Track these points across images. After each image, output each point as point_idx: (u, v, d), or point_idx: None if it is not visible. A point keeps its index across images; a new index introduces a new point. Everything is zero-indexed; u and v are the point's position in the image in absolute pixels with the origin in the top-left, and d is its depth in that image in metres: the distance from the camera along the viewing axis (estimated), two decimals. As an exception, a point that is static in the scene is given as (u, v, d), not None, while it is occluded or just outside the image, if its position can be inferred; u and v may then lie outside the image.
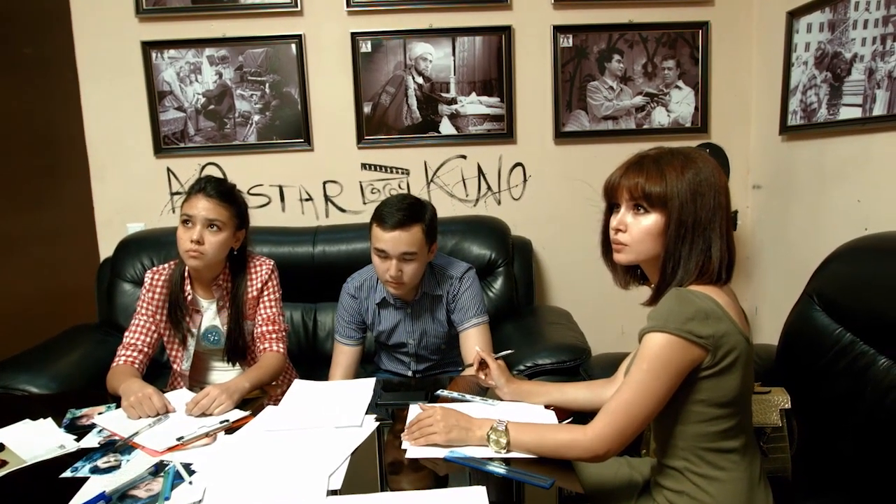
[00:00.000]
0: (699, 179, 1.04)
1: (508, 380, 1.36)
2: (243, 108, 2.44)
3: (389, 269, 1.61)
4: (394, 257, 1.60)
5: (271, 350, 1.61)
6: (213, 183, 1.56)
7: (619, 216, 1.10)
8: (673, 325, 0.99)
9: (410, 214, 1.62)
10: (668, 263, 1.06)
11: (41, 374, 1.85)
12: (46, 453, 1.19)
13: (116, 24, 2.38)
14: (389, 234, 1.59)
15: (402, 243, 1.60)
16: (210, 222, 1.52)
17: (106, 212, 2.53)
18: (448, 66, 2.44)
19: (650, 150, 1.12)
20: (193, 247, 1.49)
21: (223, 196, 1.55)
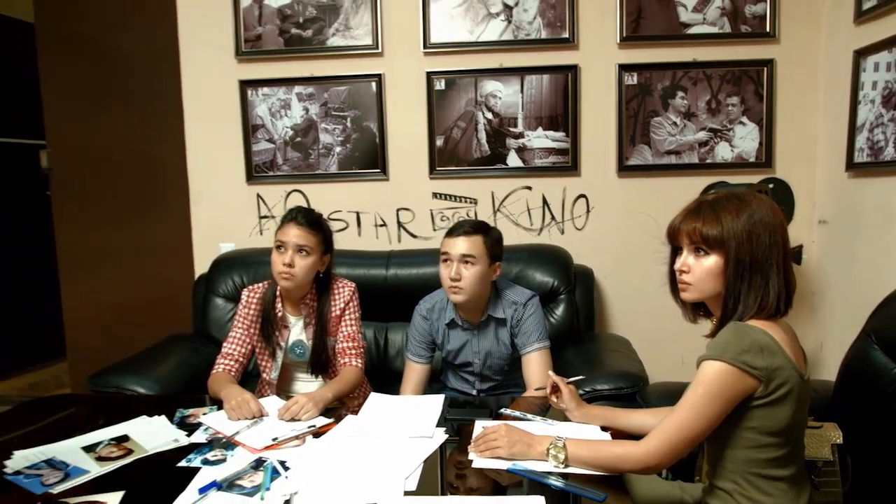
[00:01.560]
0: (754, 220, 1.14)
1: (579, 403, 1.45)
2: (326, 140, 2.66)
3: (450, 271, 1.77)
4: (454, 260, 1.77)
5: (351, 365, 1.78)
6: (303, 212, 1.76)
7: (682, 258, 1.21)
8: (729, 355, 1.08)
9: (475, 227, 1.82)
10: (729, 300, 1.16)
11: (146, 376, 2.08)
12: (163, 445, 1.38)
13: (218, 64, 2.66)
14: (452, 239, 1.80)
15: (462, 247, 1.77)
16: (300, 248, 1.72)
17: (201, 232, 2.79)
18: (516, 102, 2.58)
19: (708, 195, 1.22)
20: (286, 270, 1.69)
21: (312, 224, 1.75)
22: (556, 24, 2.53)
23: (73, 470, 1.26)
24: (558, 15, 2.53)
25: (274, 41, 2.62)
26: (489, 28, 2.55)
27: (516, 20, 2.54)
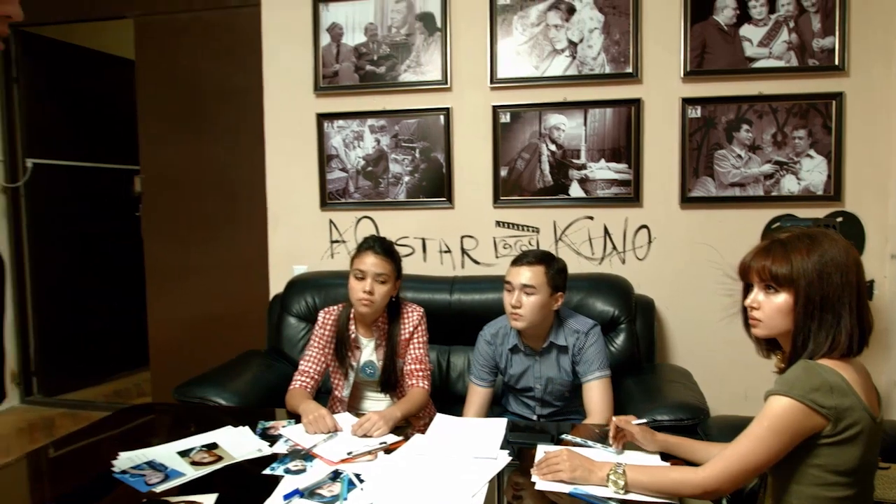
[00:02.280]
0: (825, 260, 1.16)
1: (652, 435, 1.46)
2: (396, 170, 2.80)
3: (511, 299, 1.85)
4: (516, 289, 1.85)
5: (418, 386, 1.88)
6: (379, 242, 1.89)
7: (753, 295, 1.25)
8: (797, 392, 1.11)
9: (538, 257, 1.90)
10: (798, 337, 1.19)
11: (226, 389, 2.23)
12: (248, 454, 1.51)
13: (298, 99, 2.86)
14: (514, 268, 1.89)
15: (523, 276, 1.85)
16: (378, 275, 1.84)
17: (277, 253, 2.97)
18: (580, 134, 2.66)
19: (781, 234, 1.25)
20: (366, 297, 1.81)
21: (387, 253, 1.87)
22: (620, 59, 2.60)
23: (172, 472, 1.40)
24: (622, 51, 2.60)
25: (350, 77, 2.80)
26: (554, 64, 2.64)
27: (581, 56, 2.63)
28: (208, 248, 3.29)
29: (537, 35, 2.65)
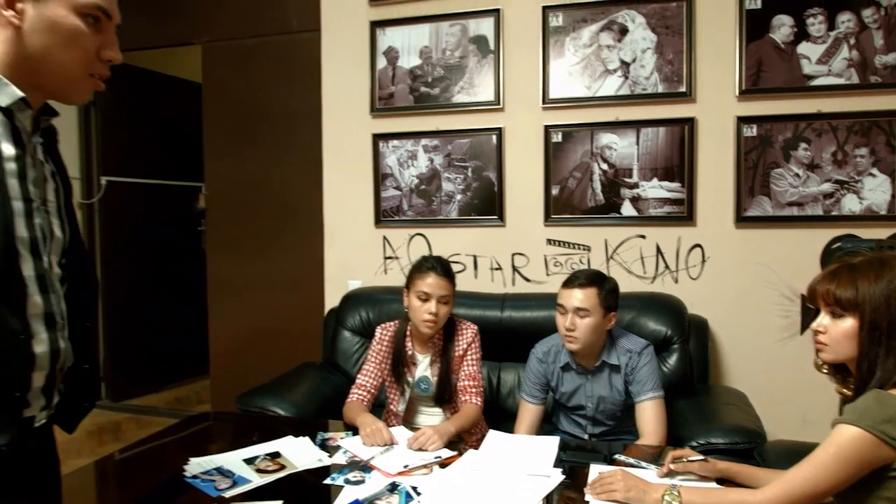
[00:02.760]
0: (894, 286, 1.15)
1: (714, 465, 1.42)
2: (448, 188, 2.87)
3: (565, 322, 1.87)
4: (569, 311, 1.86)
5: (471, 402, 1.92)
6: (441, 264, 1.95)
7: (819, 319, 1.25)
8: (867, 422, 1.10)
9: (590, 279, 1.90)
10: (863, 363, 1.18)
11: (284, 399, 2.31)
12: (309, 464, 1.58)
13: (355, 119, 2.96)
14: (567, 291, 1.90)
15: (576, 299, 1.87)
16: (442, 297, 1.90)
17: (332, 268, 3.07)
18: (632, 153, 2.66)
19: (854, 258, 1.24)
20: (431, 318, 1.88)
21: (449, 274, 1.94)
22: (674, 78, 2.60)
23: (239, 479, 1.48)
24: (675, 70, 2.60)
25: (405, 98, 2.89)
26: (606, 84, 2.67)
27: (633, 76, 2.64)
28: (267, 262, 3.42)
29: (589, 56, 2.68)
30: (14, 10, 0.89)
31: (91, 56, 0.95)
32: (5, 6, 0.88)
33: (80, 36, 0.92)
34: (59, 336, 0.97)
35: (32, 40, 0.90)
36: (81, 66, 0.95)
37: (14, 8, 0.88)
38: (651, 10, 2.62)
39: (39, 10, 0.90)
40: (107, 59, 0.97)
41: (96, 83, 0.99)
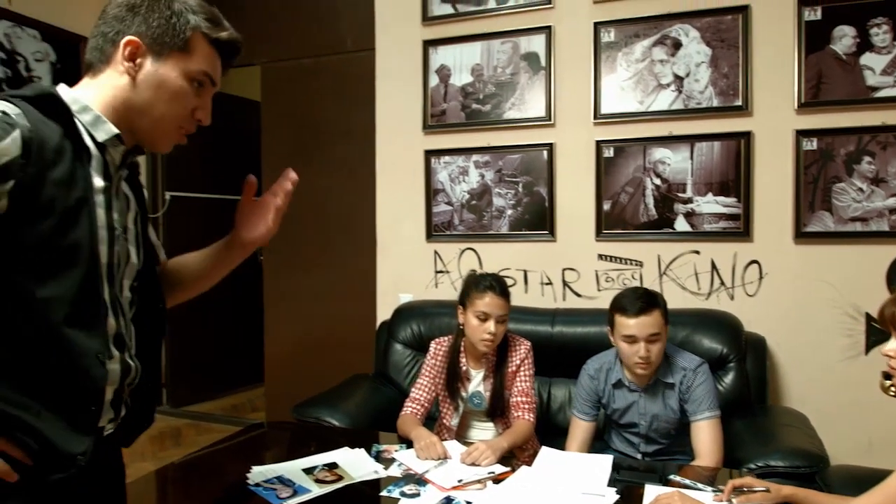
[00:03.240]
0: None
1: (779, 490, 1.39)
2: (499, 203, 2.89)
3: (638, 350, 1.84)
4: (642, 340, 1.83)
5: (524, 418, 1.93)
6: (499, 283, 1.97)
7: (890, 343, 1.21)
8: None
9: (649, 301, 1.87)
10: None
11: (339, 410, 2.37)
12: (366, 475, 1.62)
13: (408, 136, 3.03)
14: (635, 319, 1.84)
15: (648, 326, 1.83)
16: (500, 317, 1.93)
17: (385, 282, 3.13)
18: (686, 168, 2.63)
19: None
20: (490, 338, 1.91)
21: (506, 294, 1.97)
22: (729, 92, 2.57)
23: (300, 488, 1.53)
24: (731, 84, 2.56)
25: (456, 115, 2.94)
26: (659, 98, 2.65)
27: (687, 90, 2.62)
28: (321, 274, 3.52)
29: (642, 70, 2.67)
30: (133, 63, 0.99)
31: (186, 113, 1.05)
32: (127, 58, 0.99)
33: (183, 95, 1.03)
34: (128, 355, 1.04)
35: (141, 90, 1.01)
36: (175, 122, 1.05)
37: (134, 61, 0.99)
38: (705, 23, 2.59)
39: (155, 67, 1.00)
40: (197, 119, 1.07)
41: (181, 137, 1.09)
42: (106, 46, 1.01)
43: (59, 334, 0.90)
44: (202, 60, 1.04)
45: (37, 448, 0.89)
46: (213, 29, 1.04)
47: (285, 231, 3.56)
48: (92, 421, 0.98)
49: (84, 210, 0.92)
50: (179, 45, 1.01)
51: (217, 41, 1.05)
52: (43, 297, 0.88)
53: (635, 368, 1.90)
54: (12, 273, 0.87)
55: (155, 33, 1.00)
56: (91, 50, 1.03)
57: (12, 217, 0.85)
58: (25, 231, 0.86)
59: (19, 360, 0.89)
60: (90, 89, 1.01)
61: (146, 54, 1.00)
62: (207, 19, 1.04)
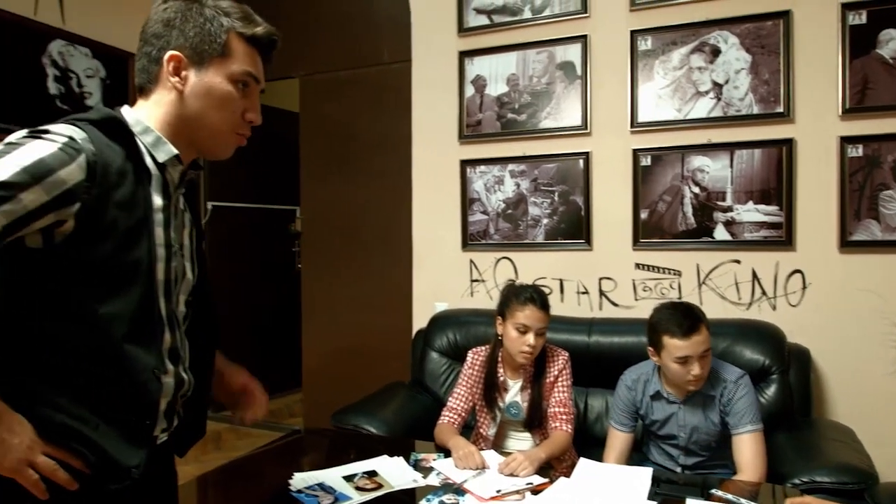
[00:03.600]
0: None
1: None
2: (535, 212, 2.90)
3: (692, 369, 1.81)
4: (696, 358, 1.81)
5: (561, 429, 1.93)
6: (539, 295, 1.98)
7: None
8: None
9: (695, 317, 1.84)
10: None
11: (376, 418, 2.40)
12: (405, 484, 1.64)
13: (443, 146, 3.06)
14: (687, 340, 1.80)
15: (700, 344, 1.80)
16: (539, 329, 1.94)
17: (420, 290, 3.16)
18: (725, 176, 2.60)
19: None
20: (529, 350, 1.92)
21: (546, 307, 1.98)
22: (770, 99, 2.53)
23: (340, 495, 1.56)
24: (772, 90, 2.52)
25: (492, 125, 2.95)
26: (698, 106, 2.62)
27: (726, 97, 2.58)
28: (358, 282, 3.57)
29: (680, 78, 2.65)
30: (179, 77, 1.02)
31: (237, 117, 1.07)
32: (172, 73, 1.01)
33: (230, 100, 1.05)
34: (182, 368, 1.08)
35: (191, 102, 1.03)
36: (229, 126, 1.07)
37: (179, 75, 1.02)
38: (745, 29, 2.56)
39: (199, 77, 1.03)
40: (249, 121, 1.09)
41: (239, 140, 1.11)
42: (151, 66, 1.03)
43: (118, 350, 0.93)
44: (243, 60, 1.05)
45: (94, 459, 0.93)
46: (248, 26, 1.05)
47: (323, 239, 3.67)
48: (146, 434, 1.01)
49: (144, 230, 0.96)
50: (218, 51, 1.02)
51: (253, 38, 1.06)
52: (104, 314, 0.91)
53: (687, 386, 1.87)
54: (75, 290, 0.90)
55: (193, 43, 1.01)
56: (139, 72, 1.05)
57: (77, 237, 0.88)
58: (89, 251, 0.90)
59: (80, 375, 0.92)
60: (146, 110, 1.04)
61: (189, 66, 1.02)
62: (240, 18, 1.05)
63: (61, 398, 0.91)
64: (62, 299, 0.90)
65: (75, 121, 0.93)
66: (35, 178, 0.82)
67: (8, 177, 0.81)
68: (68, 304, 0.90)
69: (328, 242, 3.69)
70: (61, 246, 0.88)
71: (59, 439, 0.90)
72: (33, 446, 0.86)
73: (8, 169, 0.81)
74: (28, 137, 0.87)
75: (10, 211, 0.80)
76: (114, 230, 0.91)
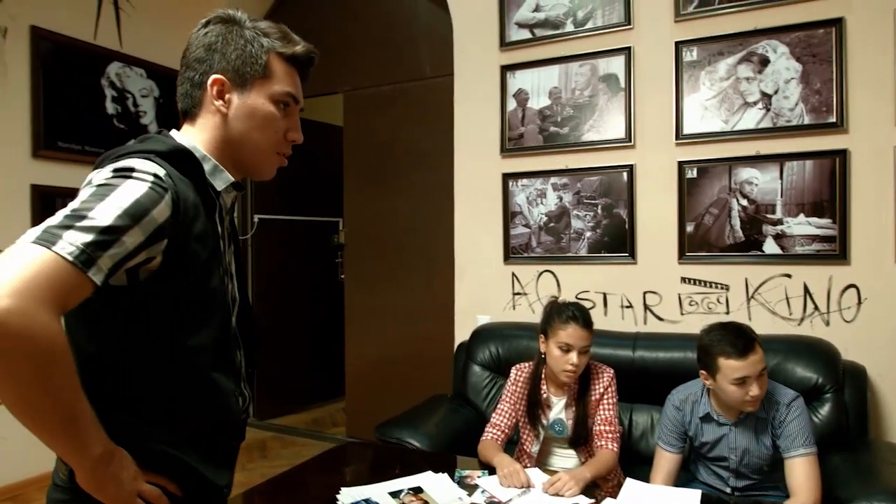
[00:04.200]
0: None
1: None
2: (578, 225, 2.88)
3: (751, 389, 1.76)
4: (754, 378, 1.76)
5: (607, 448, 1.91)
6: (582, 313, 1.97)
7: None
8: None
9: (749, 337, 1.80)
10: None
11: (419, 431, 2.42)
12: (450, 501, 1.64)
13: (485, 159, 3.07)
14: (744, 360, 1.75)
15: (757, 363, 1.76)
16: (583, 347, 1.93)
17: (462, 303, 3.17)
18: (775, 188, 2.54)
19: None
20: (572, 369, 1.91)
21: (589, 325, 1.97)
22: (822, 109, 2.46)
23: (387, 511, 1.58)
24: (824, 100, 2.45)
25: (534, 138, 2.95)
26: (745, 117, 2.57)
27: (776, 108, 2.53)
28: (399, 293, 3.61)
29: (727, 89, 2.60)
30: (223, 100, 1.02)
31: (280, 137, 1.08)
32: (216, 97, 1.02)
33: (273, 120, 1.06)
34: (244, 385, 1.11)
35: (235, 125, 1.03)
36: (272, 147, 1.08)
37: (223, 98, 1.02)
38: (795, 38, 2.50)
39: (243, 99, 1.03)
40: (291, 140, 1.11)
41: (281, 160, 1.12)
42: (195, 91, 1.03)
43: (208, 378, 0.97)
44: (283, 81, 1.05)
45: (191, 483, 0.97)
46: (287, 46, 1.06)
47: (365, 250, 3.72)
48: (233, 454, 1.06)
49: (216, 260, 0.98)
50: (260, 72, 1.03)
51: (293, 57, 1.06)
52: (192, 346, 0.94)
53: (745, 407, 1.82)
54: (162, 325, 0.92)
55: (235, 65, 1.02)
56: (182, 97, 1.05)
57: (161, 273, 0.89)
58: (172, 285, 0.91)
59: (174, 405, 0.95)
60: (193, 135, 1.04)
61: (232, 89, 1.02)
62: (279, 38, 1.05)
63: (158, 429, 0.94)
64: (150, 335, 0.91)
65: (150, 154, 0.92)
66: (134, 220, 0.82)
67: (112, 221, 0.80)
68: (156, 339, 0.92)
69: (371, 253, 3.75)
70: (145, 283, 0.89)
71: (159, 467, 0.93)
72: (137, 476, 0.89)
73: (110, 213, 0.80)
74: (118, 178, 0.86)
75: (115, 255, 0.80)
76: (194, 263, 0.92)
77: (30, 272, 0.72)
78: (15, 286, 0.70)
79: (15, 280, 0.71)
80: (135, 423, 0.92)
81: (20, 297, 0.70)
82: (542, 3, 2.93)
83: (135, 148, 0.95)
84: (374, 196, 3.69)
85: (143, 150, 0.93)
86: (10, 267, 0.72)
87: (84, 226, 0.78)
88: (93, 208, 0.80)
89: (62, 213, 0.79)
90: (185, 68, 1.04)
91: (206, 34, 1.03)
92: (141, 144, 0.97)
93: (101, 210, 0.80)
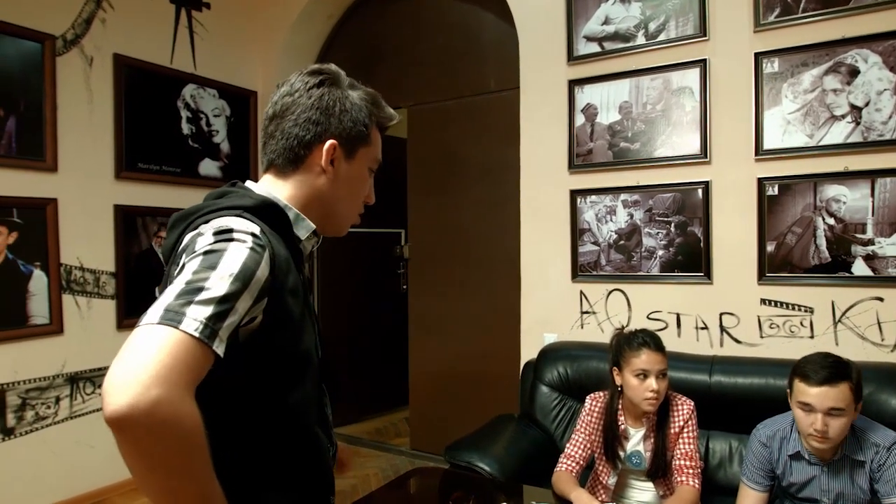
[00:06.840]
0: None
1: None
2: (649, 243, 2.80)
3: (814, 422, 1.68)
4: (819, 412, 1.68)
5: (687, 484, 1.85)
6: (652, 338, 1.93)
7: None
8: None
9: (837, 371, 1.70)
10: None
11: (487, 454, 2.40)
12: (528, 539, 1.63)
13: (552, 175, 3.02)
14: (816, 389, 1.68)
15: (829, 399, 1.67)
16: (661, 371, 1.89)
17: (529, 320, 3.13)
18: (865, 206, 2.40)
19: None
20: (654, 395, 1.87)
21: (662, 348, 1.93)
22: (919, 122, 2.31)
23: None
24: (921, 113, 2.30)
25: (603, 154, 2.89)
26: (832, 131, 2.44)
27: (866, 121, 2.38)
28: (464, 307, 3.60)
29: (811, 102, 2.47)
30: (333, 166, 1.03)
31: (361, 200, 1.11)
32: (329, 161, 1.02)
33: (364, 185, 1.09)
34: (333, 436, 1.09)
35: (335, 189, 1.04)
36: (356, 209, 1.11)
37: (333, 164, 1.03)
38: (888, 47, 2.35)
39: (349, 165, 1.05)
40: (367, 202, 1.13)
41: (357, 220, 1.14)
42: (301, 151, 1.02)
43: (311, 434, 0.97)
44: (378, 148, 1.07)
45: None
46: (384, 113, 1.07)
47: (428, 262, 3.73)
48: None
49: (308, 312, 0.98)
50: (365, 140, 1.04)
51: (385, 125, 1.08)
52: (294, 403, 0.93)
53: (810, 440, 1.74)
54: (264, 384, 0.91)
55: (349, 133, 1.02)
56: (283, 152, 1.02)
57: (261, 331, 0.87)
58: (272, 342, 0.89)
59: (283, 466, 0.94)
60: (278, 188, 1.03)
61: (341, 155, 1.03)
62: (376, 104, 1.06)
63: (270, 488, 0.93)
64: (254, 395, 0.91)
65: (239, 210, 0.91)
66: (244, 285, 0.81)
67: (226, 290, 0.78)
68: (260, 399, 0.91)
69: (434, 265, 3.75)
70: (245, 342, 0.86)
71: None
72: None
73: (224, 281, 0.79)
74: (221, 241, 0.84)
75: (231, 323, 0.79)
76: (291, 318, 0.91)
77: (168, 357, 0.71)
78: (159, 374, 0.69)
79: (157, 367, 0.70)
80: (248, 483, 0.91)
81: (167, 386, 0.69)
82: (612, 16, 2.86)
83: (222, 204, 0.93)
84: (437, 208, 3.70)
85: (230, 207, 0.92)
86: (146, 352, 0.71)
87: (203, 299, 0.76)
88: (207, 278, 0.78)
89: (177, 288, 0.77)
90: (293, 125, 1.02)
91: (321, 96, 1.02)
92: (226, 200, 0.96)
93: (215, 280, 0.78)
